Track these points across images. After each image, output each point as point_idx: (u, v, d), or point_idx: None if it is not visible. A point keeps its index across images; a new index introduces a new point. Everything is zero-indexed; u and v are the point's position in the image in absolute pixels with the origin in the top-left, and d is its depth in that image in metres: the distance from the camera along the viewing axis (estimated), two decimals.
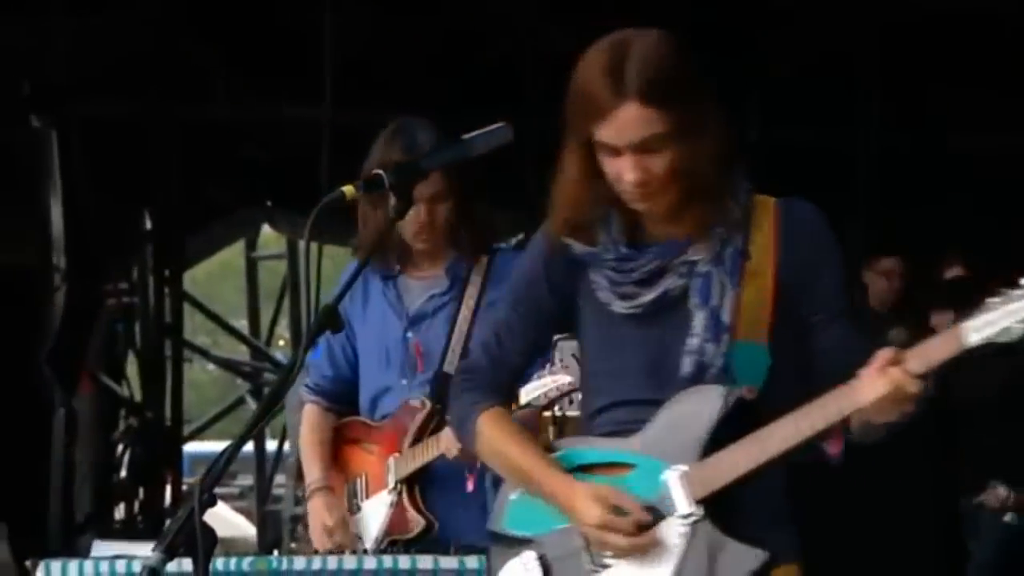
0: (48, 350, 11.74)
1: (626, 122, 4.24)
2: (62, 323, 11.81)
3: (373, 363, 6.16)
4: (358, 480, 6.17)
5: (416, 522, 5.98)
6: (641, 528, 4.27)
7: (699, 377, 4.37)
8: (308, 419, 6.29)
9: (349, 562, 5.72)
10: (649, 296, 4.40)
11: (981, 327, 4.18)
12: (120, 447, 12.82)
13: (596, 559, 4.35)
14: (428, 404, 6.01)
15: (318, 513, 6.15)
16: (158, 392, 12.99)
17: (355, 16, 12.59)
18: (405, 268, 6.09)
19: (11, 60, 11.80)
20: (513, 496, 4.55)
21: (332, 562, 5.73)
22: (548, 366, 5.79)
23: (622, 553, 4.30)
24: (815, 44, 13.35)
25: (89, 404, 12.32)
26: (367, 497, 6.13)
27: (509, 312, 4.59)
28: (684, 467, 4.29)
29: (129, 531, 12.43)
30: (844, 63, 13.43)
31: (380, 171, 5.07)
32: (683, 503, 4.30)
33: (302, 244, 11.94)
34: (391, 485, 6.04)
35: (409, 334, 6.07)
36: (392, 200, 5.02)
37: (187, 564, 5.57)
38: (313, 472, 6.21)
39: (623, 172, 4.24)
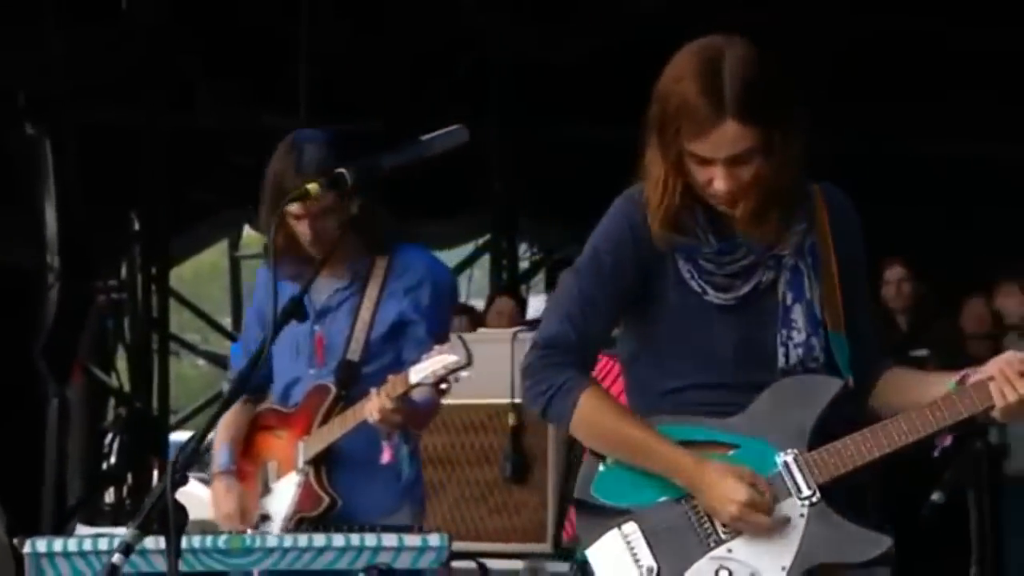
0: (42, 344, 11.78)
1: (723, 139, 4.23)
2: (55, 319, 11.86)
3: (285, 356, 6.12)
4: (269, 464, 6.12)
5: (322, 500, 5.95)
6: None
7: (801, 367, 4.37)
8: (237, 417, 6.26)
9: (318, 540, 5.63)
10: (744, 289, 4.40)
11: None
12: (110, 435, 12.87)
13: (712, 535, 4.30)
14: (334, 389, 5.99)
15: (218, 497, 6.13)
16: (146, 384, 13.02)
17: (330, 32, 12.64)
18: (301, 269, 5.95)
19: (7, 70, 11.79)
20: (602, 467, 4.46)
21: (303, 540, 5.66)
22: (435, 347, 5.79)
23: (759, 531, 4.26)
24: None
25: (80, 395, 12.39)
26: (278, 479, 6.09)
27: (594, 290, 4.48)
28: (796, 451, 4.28)
29: (118, 514, 12.53)
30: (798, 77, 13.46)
31: (343, 170, 5.06)
32: (804, 485, 4.27)
33: None
34: (299, 466, 6.01)
35: (316, 327, 6.05)
36: (329, 196, 5.24)
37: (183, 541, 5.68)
38: (219, 458, 6.18)
39: (715, 180, 4.24)
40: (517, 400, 7.49)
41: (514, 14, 13.19)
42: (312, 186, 5.14)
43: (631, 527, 4.40)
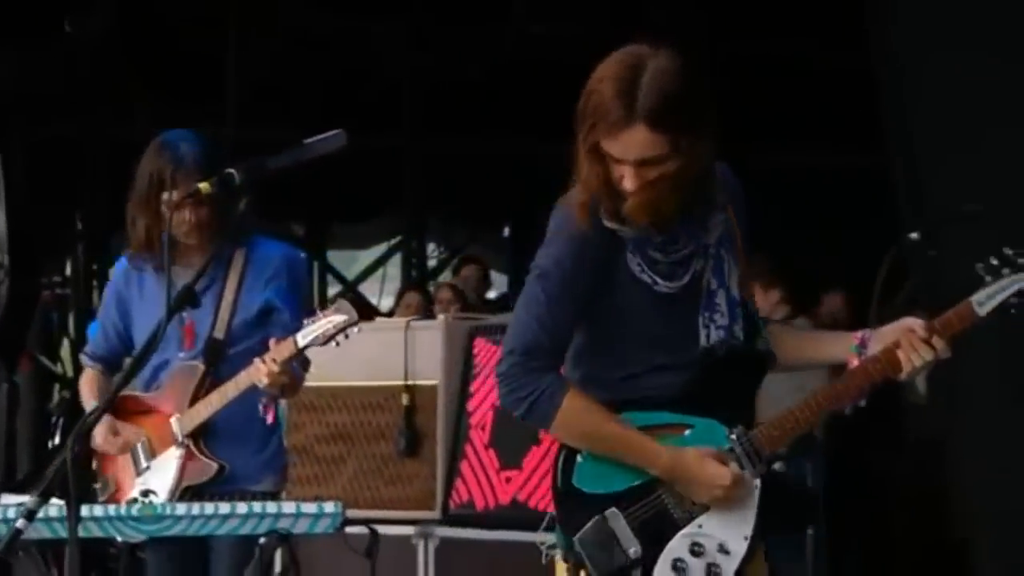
0: None
1: (632, 142, 4.20)
2: (5, 312, 11.79)
3: (142, 337, 6.02)
4: (139, 445, 6.03)
5: (210, 467, 5.92)
6: None
7: (724, 346, 4.39)
8: (88, 379, 6.21)
9: (223, 507, 5.62)
10: (685, 278, 4.37)
11: (985, 300, 4.53)
12: (55, 417, 12.83)
13: (687, 512, 4.29)
14: (202, 367, 5.94)
15: (99, 430, 5.99)
16: None
17: (256, 54, 12.62)
18: (176, 260, 5.88)
19: None
20: (580, 459, 4.43)
21: (209, 507, 5.62)
22: (318, 311, 5.81)
23: (739, 505, 4.28)
24: None
25: (29, 380, 12.34)
26: (153, 457, 6.01)
27: (561, 294, 4.40)
28: (742, 428, 4.32)
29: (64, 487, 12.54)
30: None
31: (232, 170, 5.09)
32: (755, 459, 4.30)
33: None
34: (179, 440, 5.94)
35: (184, 314, 5.93)
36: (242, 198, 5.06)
37: (98, 510, 5.60)
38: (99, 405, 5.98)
39: (624, 179, 4.21)
40: (410, 382, 7.47)
41: (419, 40, 13.26)
42: (203, 184, 5.17)
43: (613, 513, 4.35)
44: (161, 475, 5.98)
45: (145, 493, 5.94)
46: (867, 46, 9.71)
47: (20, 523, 4.76)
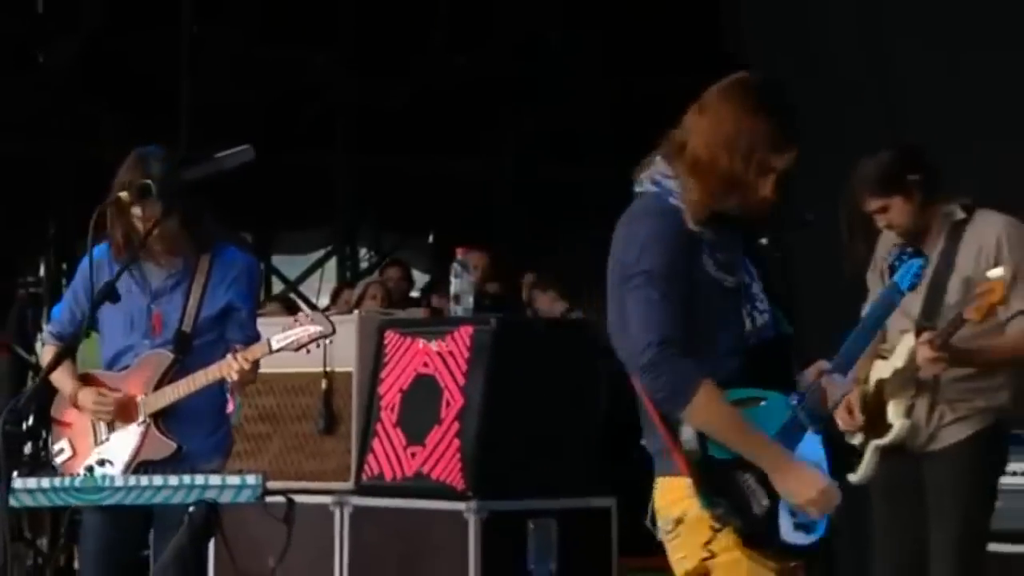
0: None
1: (790, 157, 4.29)
2: None
3: (118, 328, 6.01)
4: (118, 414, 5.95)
5: (168, 446, 5.87)
6: None
7: (767, 330, 4.38)
8: (48, 352, 6.15)
9: (157, 479, 5.59)
10: (739, 274, 4.37)
11: None
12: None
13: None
14: (172, 355, 5.88)
15: (88, 395, 5.95)
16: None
17: (207, 78, 12.61)
18: (146, 258, 5.91)
19: None
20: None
21: (144, 480, 5.60)
22: (294, 319, 5.85)
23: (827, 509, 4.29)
24: None
25: (6, 369, 12.31)
26: (113, 431, 5.94)
27: (675, 291, 4.34)
28: (798, 396, 4.34)
29: (34, 464, 12.50)
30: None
31: (148, 181, 5.09)
32: (816, 418, 4.35)
33: None
34: (140, 418, 5.88)
35: (152, 306, 5.93)
36: (158, 204, 5.20)
37: (44, 482, 5.59)
38: (69, 384, 6.01)
39: (769, 187, 4.31)
40: (328, 369, 7.46)
41: (351, 69, 13.26)
42: (123, 194, 5.18)
43: (742, 474, 4.31)
44: (119, 448, 5.93)
45: (101, 462, 5.89)
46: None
47: None
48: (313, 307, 11.77)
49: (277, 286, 14.15)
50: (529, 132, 13.75)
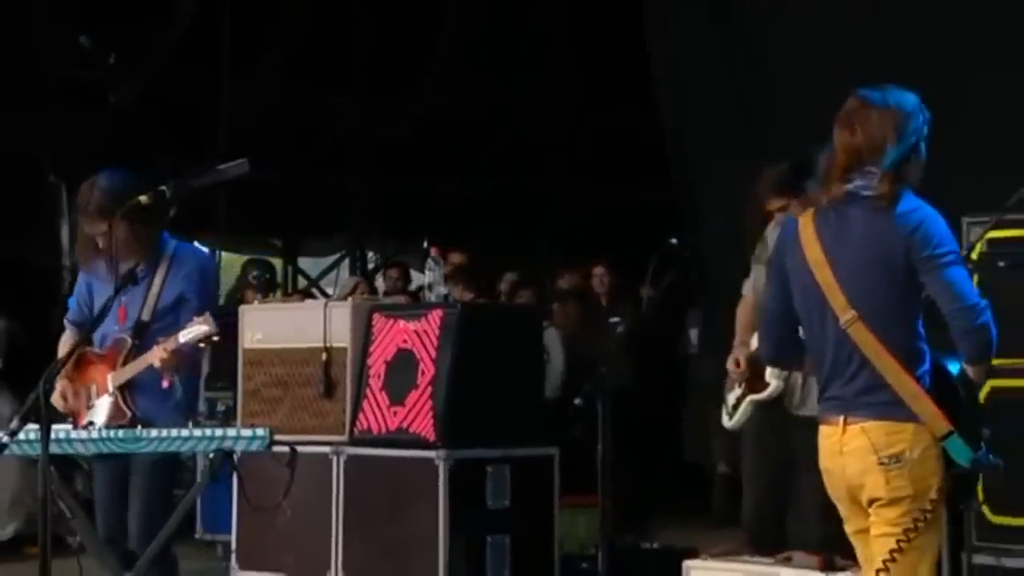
0: None
1: None
2: None
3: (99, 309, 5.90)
4: (92, 386, 5.99)
5: (124, 414, 5.87)
6: None
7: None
8: (67, 335, 6.15)
9: (185, 432, 5.59)
10: None
11: None
12: None
13: None
14: (129, 340, 5.90)
15: (71, 392, 6.00)
16: None
17: (247, 112, 12.58)
18: (120, 257, 5.86)
19: (36, 142, 11.59)
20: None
21: (174, 432, 5.59)
22: (195, 318, 5.76)
23: None
24: None
25: None
26: (97, 397, 5.96)
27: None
28: None
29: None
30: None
31: (164, 187, 5.15)
32: None
33: None
34: (111, 390, 5.90)
35: (122, 299, 5.88)
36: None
37: (94, 433, 5.66)
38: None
39: None
40: (327, 345, 7.41)
41: (361, 107, 13.29)
42: (142, 197, 5.24)
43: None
44: (99, 412, 5.94)
45: (89, 423, 5.89)
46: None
47: (4, 438, 4.79)
48: (328, 298, 11.72)
49: (302, 282, 14.09)
50: (505, 157, 13.78)
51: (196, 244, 6.30)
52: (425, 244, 8.08)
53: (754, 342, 6.05)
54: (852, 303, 4.10)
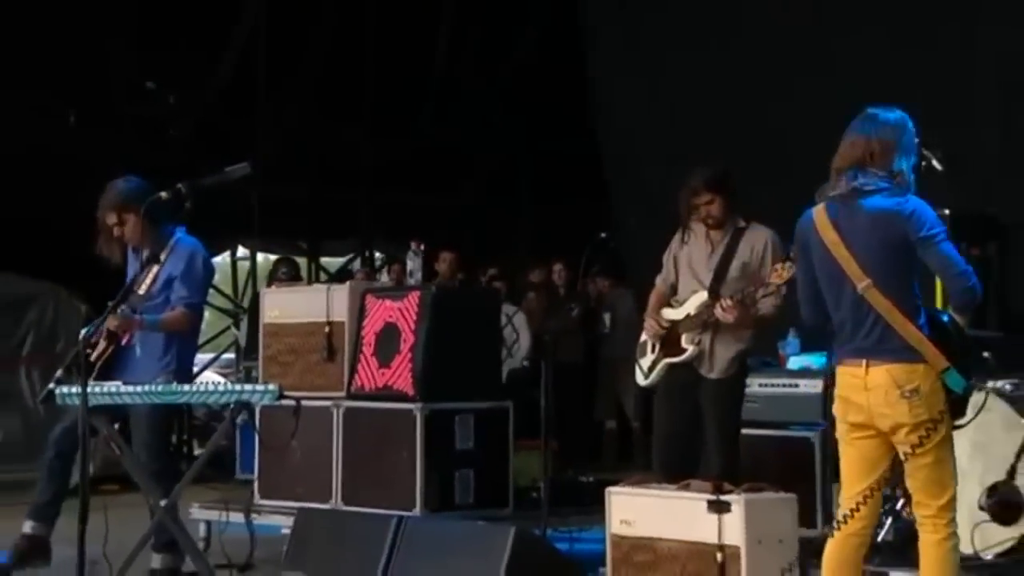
0: None
1: None
2: None
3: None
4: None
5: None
6: None
7: None
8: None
9: (211, 386, 5.63)
10: None
11: None
12: None
13: None
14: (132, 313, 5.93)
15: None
16: None
17: (277, 140, 12.53)
18: (134, 248, 5.96)
19: None
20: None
21: (201, 386, 5.66)
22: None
23: None
24: None
25: None
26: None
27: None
28: None
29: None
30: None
31: (180, 185, 5.15)
32: None
33: None
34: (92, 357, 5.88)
35: (140, 277, 5.96)
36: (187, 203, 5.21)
37: (138, 388, 5.56)
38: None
39: None
40: (330, 319, 7.35)
41: (367, 136, 13.24)
42: (163, 193, 5.21)
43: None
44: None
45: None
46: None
47: (52, 386, 4.77)
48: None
49: (323, 277, 14.13)
50: (481, 179, 13.84)
51: (190, 237, 6.18)
52: (421, 246, 8.11)
53: (669, 313, 6.04)
54: (866, 273, 4.27)
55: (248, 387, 5.60)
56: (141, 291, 5.92)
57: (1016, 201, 6.80)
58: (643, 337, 6.12)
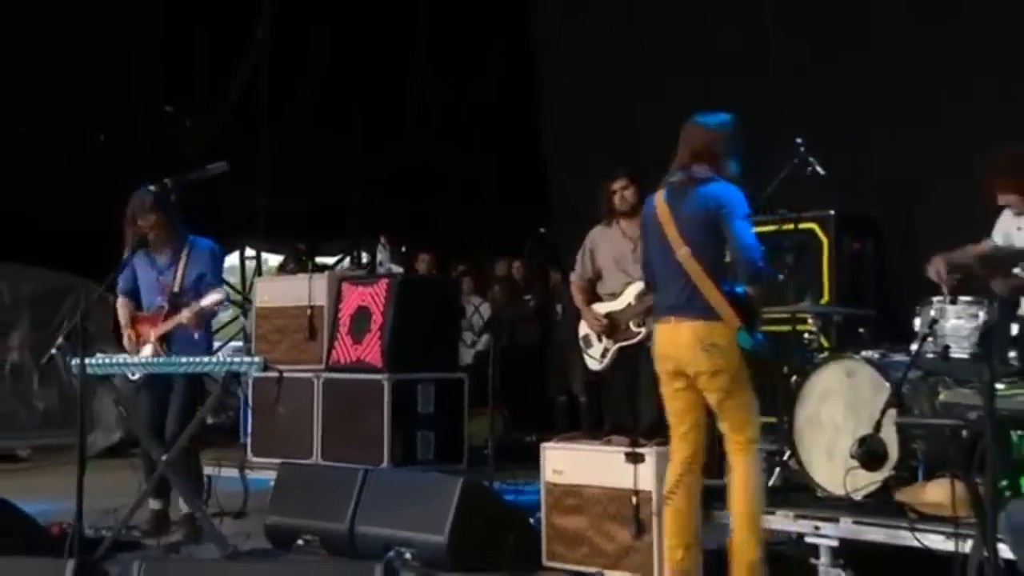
0: None
1: None
2: None
3: (145, 290, 6.05)
4: (143, 336, 6.01)
5: (161, 356, 5.90)
6: None
7: None
8: (121, 305, 6.15)
9: (205, 359, 5.63)
10: None
11: None
12: None
13: None
14: (166, 307, 5.93)
15: (127, 340, 6.03)
16: None
17: (284, 155, 12.34)
18: (153, 249, 5.92)
19: None
20: None
21: (195, 359, 5.65)
22: (212, 289, 5.76)
23: None
24: None
25: None
26: (145, 345, 5.99)
27: None
28: None
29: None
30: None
31: (167, 180, 5.13)
32: None
33: None
34: (152, 340, 5.94)
35: (160, 277, 5.95)
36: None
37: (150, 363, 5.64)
38: (126, 319, 6.08)
39: None
40: (311, 304, 7.34)
41: (356, 151, 13.11)
42: (152, 187, 5.19)
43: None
44: (145, 353, 5.98)
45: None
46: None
47: (54, 351, 4.75)
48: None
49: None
50: (454, 187, 13.81)
51: (204, 239, 6.19)
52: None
53: (606, 307, 5.96)
54: (685, 243, 4.38)
55: (236, 359, 5.67)
56: (176, 289, 5.95)
57: (892, 203, 6.83)
58: (584, 331, 6.05)
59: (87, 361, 5.22)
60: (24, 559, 3.37)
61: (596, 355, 6.05)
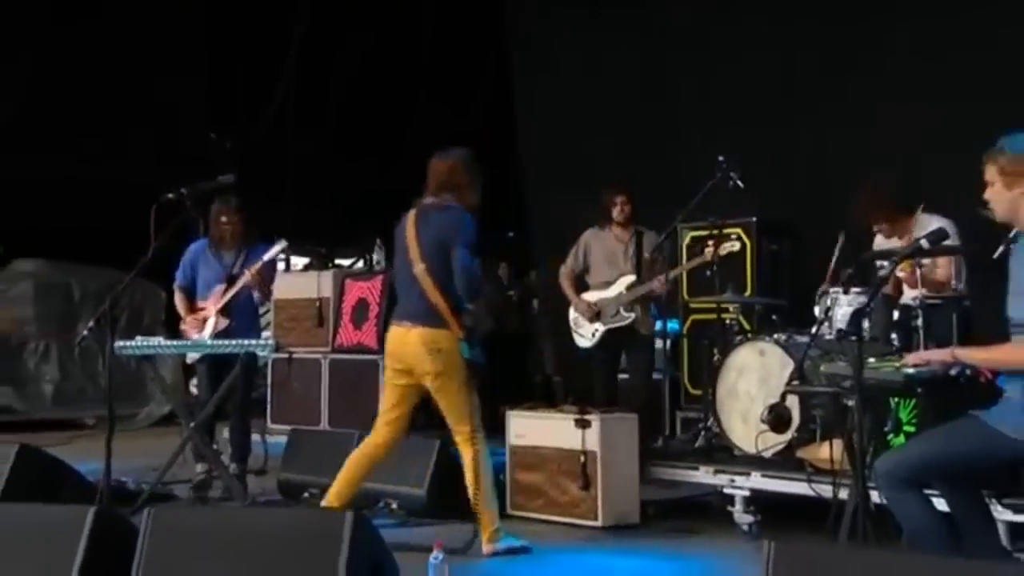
0: None
1: None
2: None
3: (203, 283, 5.93)
4: (203, 319, 5.91)
5: (225, 323, 5.83)
6: None
7: None
8: (178, 295, 6.05)
9: (230, 341, 5.58)
10: None
11: None
12: None
13: None
14: (224, 285, 5.87)
15: (190, 324, 5.94)
16: None
17: (303, 167, 12.40)
18: (219, 246, 5.85)
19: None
20: None
21: (220, 342, 5.62)
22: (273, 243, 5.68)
23: None
24: None
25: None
26: (205, 323, 5.89)
27: None
28: None
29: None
30: None
31: (183, 189, 5.10)
32: None
33: None
34: (213, 312, 5.84)
35: (225, 272, 5.87)
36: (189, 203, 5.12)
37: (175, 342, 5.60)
38: (185, 309, 5.99)
39: None
40: (319, 296, 7.32)
41: (370, 173, 13.09)
42: (171, 195, 5.13)
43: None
44: (207, 330, 5.88)
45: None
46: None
47: (87, 332, 4.68)
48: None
49: None
50: None
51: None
52: (378, 241, 8.02)
53: (596, 295, 5.94)
54: (424, 260, 4.33)
55: (253, 341, 5.64)
56: (235, 271, 5.82)
57: (808, 209, 6.83)
58: (573, 315, 5.97)
59: (124, 343, 5.20)
60: (52, 506, 3.34)
61: (587, 335, 5.99)
